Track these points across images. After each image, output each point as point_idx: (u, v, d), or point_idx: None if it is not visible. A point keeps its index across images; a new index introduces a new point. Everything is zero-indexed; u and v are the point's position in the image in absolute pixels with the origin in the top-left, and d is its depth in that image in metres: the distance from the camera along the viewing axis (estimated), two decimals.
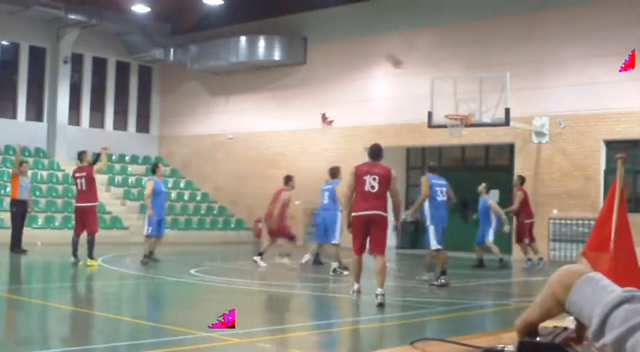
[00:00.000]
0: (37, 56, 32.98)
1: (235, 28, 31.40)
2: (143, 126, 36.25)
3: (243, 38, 30.98)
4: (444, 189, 15.10)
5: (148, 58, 34.68)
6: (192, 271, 16.65)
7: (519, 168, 24.28)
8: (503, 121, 21.66)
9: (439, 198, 14.94)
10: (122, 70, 35.44)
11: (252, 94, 32.39)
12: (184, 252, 23.69)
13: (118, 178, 32.72)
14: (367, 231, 11.93)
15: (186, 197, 33.08)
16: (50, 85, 32.97)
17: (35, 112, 33.13)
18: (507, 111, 21.41)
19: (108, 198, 30.96)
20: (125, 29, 33.30)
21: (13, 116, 32.40)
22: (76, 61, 33.78)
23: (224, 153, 33.09)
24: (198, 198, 33.12)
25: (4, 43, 32.57)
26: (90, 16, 31.82)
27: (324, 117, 29.20)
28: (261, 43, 30.75)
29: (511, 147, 25.18)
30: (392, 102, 27.56)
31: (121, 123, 35.50)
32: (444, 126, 22.67)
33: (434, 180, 15.10)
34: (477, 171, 25.58)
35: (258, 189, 31.02)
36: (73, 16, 31.54)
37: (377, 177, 11.97)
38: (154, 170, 19.26)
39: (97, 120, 34.77)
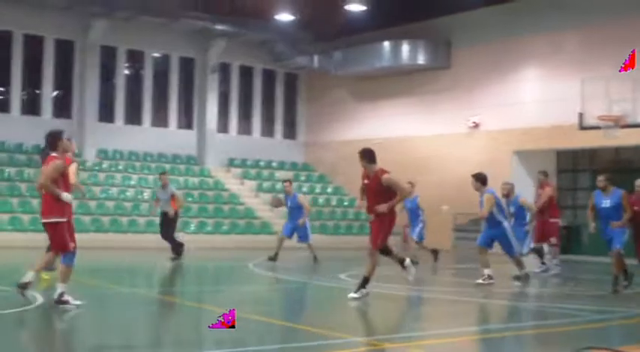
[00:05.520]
0: (186, 67, 33.98)
1: (378, 34, 31.44)
2: (290, 132, 36.78)
3: (386, 43, 31.00)
4: None
5: (293, 66, 35.15)
6: (341, 276, 16.74)
7: None
8: None
9: None
10: (268, 77, 36.08)
11: (397, 99, 32.33)
12: (333, 257, 23.83)
13: (267, 184, 33.26)
14: None
15: (333, 202, 33.29)
16: (199, 94, 33.89)
17: (186, 121, 34.11)
18: None
19: (256, 203, 31.55)
20: (270, 37, 33.84)
21: (166, 125, 33.47)
22: (224, 70, 34.61)
23: None
24: (346, 203, 33.27)
25: (156, 54, 33.68)
26: (236, 26, 32.54)
27: (474, 124, 28.79)
28: (405, 47, 30.70)
29: None
30: (539, 104, 27.00)
31: (268, 130, 36.13)
32: (597, 128, 22.01)
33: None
34: (632, 173, 24.64)
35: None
36: (219, 27, 32.34)
37: None
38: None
39: (245, 128, 35.51)
